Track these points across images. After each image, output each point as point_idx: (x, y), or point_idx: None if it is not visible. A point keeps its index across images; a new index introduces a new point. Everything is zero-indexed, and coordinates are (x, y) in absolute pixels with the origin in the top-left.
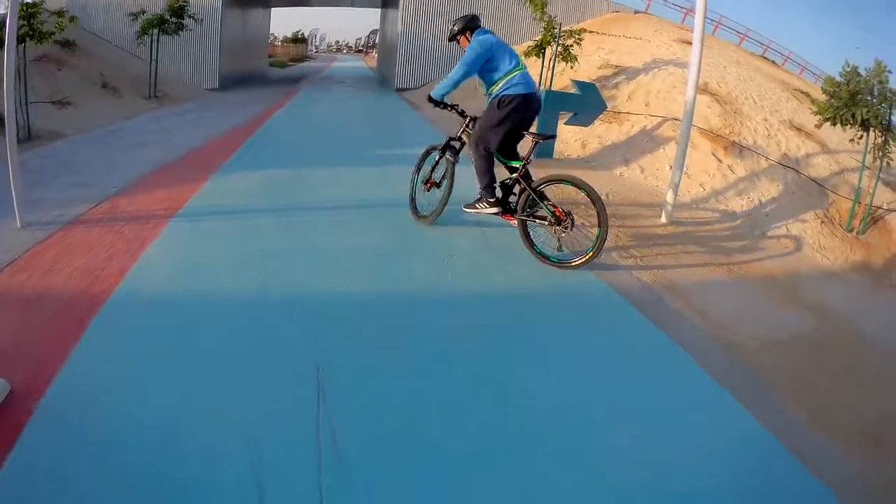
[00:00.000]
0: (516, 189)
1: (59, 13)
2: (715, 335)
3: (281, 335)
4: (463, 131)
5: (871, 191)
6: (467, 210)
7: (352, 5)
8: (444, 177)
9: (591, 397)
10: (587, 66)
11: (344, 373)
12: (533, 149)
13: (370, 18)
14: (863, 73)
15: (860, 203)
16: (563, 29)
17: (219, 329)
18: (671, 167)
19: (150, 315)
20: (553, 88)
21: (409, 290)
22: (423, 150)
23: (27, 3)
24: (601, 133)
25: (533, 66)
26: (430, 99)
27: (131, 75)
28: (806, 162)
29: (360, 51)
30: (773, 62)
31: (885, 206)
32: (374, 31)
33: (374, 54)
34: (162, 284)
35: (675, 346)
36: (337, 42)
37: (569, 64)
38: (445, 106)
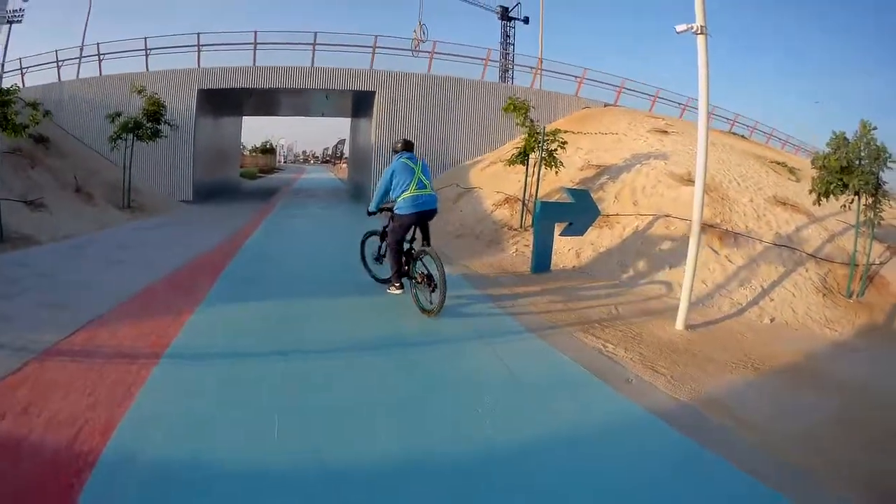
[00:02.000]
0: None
1: (34, 105)
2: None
3: None
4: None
5: (866, 251)
6: (389, 292)
7: (322, 115)
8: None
9: None
10: (568, 167)
11: None
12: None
13: (337, 126)
14: (850, 137)
15: (857, 265)
16: (541, 131)
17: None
18: (670, 267)
19: (148, 490)
20: (540, 196)
21: (445, 457)
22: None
23: (4, 89)
24: (594, 239)
25: (516, 174)
26: (369, 213)
27: (104, 181)
28: (797, 236)
29: (326, 161)
30: (741, 136)
31: (877, 261)
32: (341, 141)
33: (343, 165)
34: (159, 448)
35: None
36: (304, 152)
37: (553, 169)
38: (381, 212)
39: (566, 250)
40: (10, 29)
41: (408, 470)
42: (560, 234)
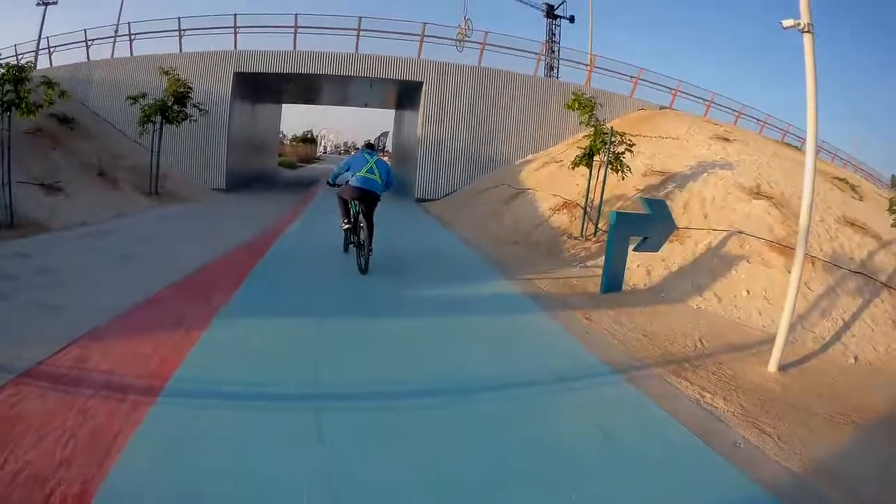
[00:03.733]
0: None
1: (49, 83)
2: None
3: None
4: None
5: None
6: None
7: (365, 106)
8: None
9: None
10: (631, 173)
11: None
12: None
13: (382, 119)
14: None
15: None
16: (609, 131)
17: None
18: (748, 292)
19: None
20: (603, 203)
21: None
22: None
23: (13, 65)
24: (665, 255)
25: (572, 177)
26: (328, 183)
27: (131, 165)
28: (870, 262)
29: None
30: (795, 147)
31: None
32: (384, 134)
33: (385, 158)
34: None
35: None
36: (345, 143)
37: (620, 174)
38: (335, 185)
39: (635, 267)
40: (45, 10)
41: None
42: (633, 250)
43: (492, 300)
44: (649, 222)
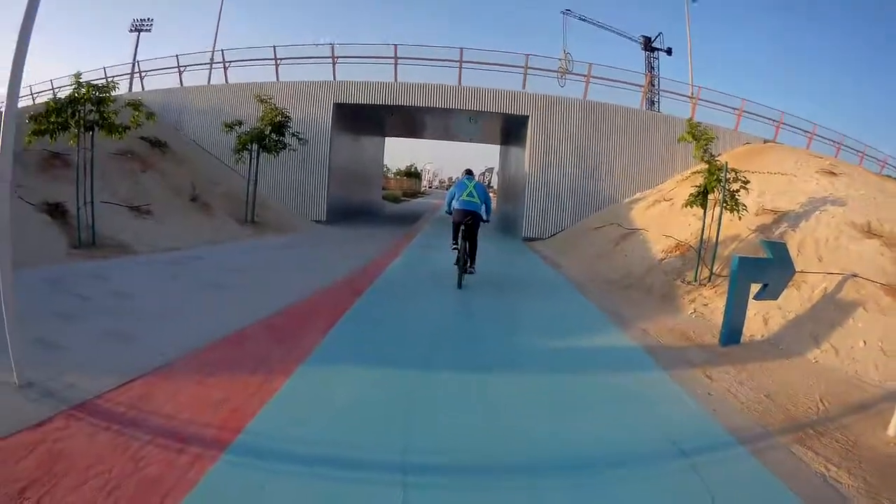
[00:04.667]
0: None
1: (135, 105)
2: None
3: None
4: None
5: None
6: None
7: (469, 140)
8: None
9: None
10: (747, 211)
11: None
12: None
13: (487, 155)
14: None
15: None
16: (723, 167)
17: None
18: (865, 343)
19: None
20: (719, 244)
21: None
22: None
23: (93, 84)
24: (781, 302)
25: (684, 216)
26: (447, 212)
27: (226, 192)
28: None
29: None
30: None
31: None
32: (489, 169)
33: (492, 195)
34: None
35: None
36: (450, 178)
37: (736, 213)
38: (450, 213)
39: (752, 314)
40: (138, 37)
41: None
42: (754, 298)
43: (607, 354)
44: (770, 267)
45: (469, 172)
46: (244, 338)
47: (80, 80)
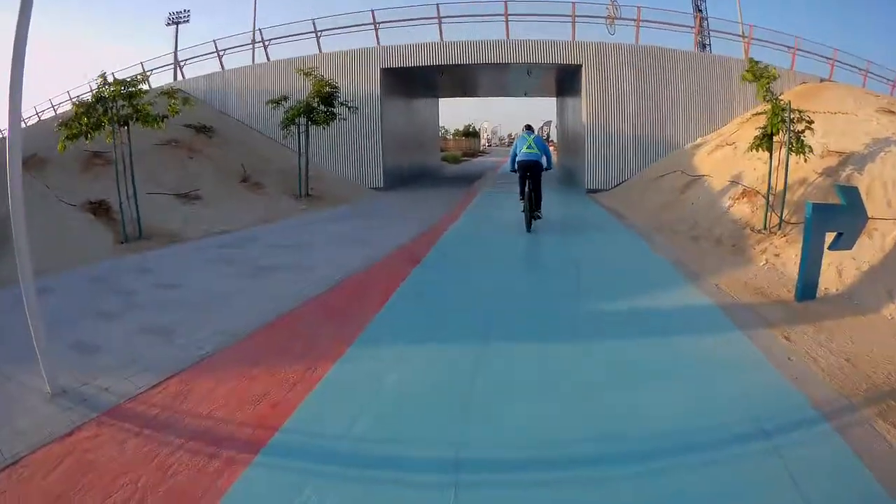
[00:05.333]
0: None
1: (170, 93)
2: None
3: None
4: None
5: None
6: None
7: (524, 95)
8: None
9: None
10: (813, 153)
11: None
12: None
13: (543, 108)
14: None
15: None
16: (787, 107)
17: None
18: None
19: None
20: (787, 190)
21: None
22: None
23: (119, 80)
24: (854, 251)
25: (748, 160)
26: (512, 170)
27: (279, 169)
28: None
29: None
30: None
31: None
32: (547, 123)
33: (552, 149)
34: None
35: None
36: (509, 135)
37: (802, 156)
38: (515, 171)
39: (825, 266)
40: (177, 29)
41: None
42: (829, 248)
43: (682, 315)
44: (844, 215)
45: (529, 128)
46: (290, 322)
47: (107, 79)
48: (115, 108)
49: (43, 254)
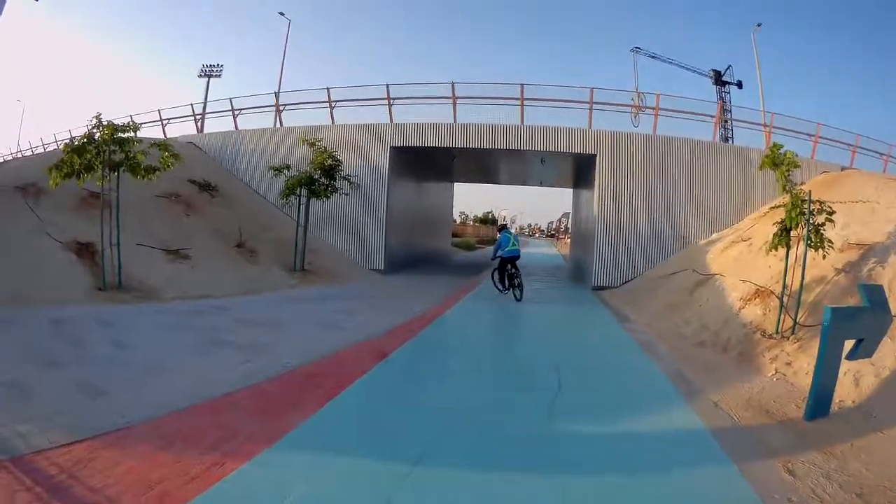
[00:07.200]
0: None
1: (163, 146)
2: None
3: None
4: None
5: None
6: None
7: (540, 184)
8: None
9: None
10: (833, 248)
11: None
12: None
13: (562, 199)
14: None
15: None
16: (804, 199)
17: None
18: None
19: None
20: (804, 289)
21: None
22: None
23: (113, 124)
24: (874, 356)
25: (764, 258)
26: (492, 258)
27: (278, 238)
28: None
29: (551, 235)
30: None
31: None
32: (565, 215)
33: (566, 239)
34: None
35: None
36: (529, 225)
37: (821, 251)
38: (497, 258)
39: (842, 374)
40: (208, 82)
41: None
42: (846, 357)
43: (666, 446)
44: (866, 317)
45: (504, 227)
46: (224, 406)
47: (101, 120)
48: (107, 153)
49: (17, 285)
